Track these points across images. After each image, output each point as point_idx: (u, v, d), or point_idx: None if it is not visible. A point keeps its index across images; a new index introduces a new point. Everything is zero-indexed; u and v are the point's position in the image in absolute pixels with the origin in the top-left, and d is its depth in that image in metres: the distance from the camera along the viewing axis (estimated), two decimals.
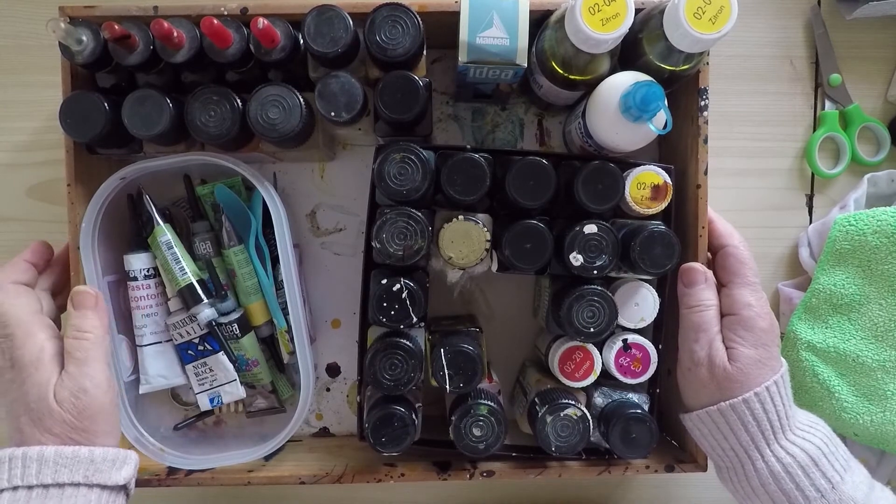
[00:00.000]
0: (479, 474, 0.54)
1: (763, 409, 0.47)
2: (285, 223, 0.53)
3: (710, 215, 0.53)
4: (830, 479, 0.46)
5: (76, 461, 0.44)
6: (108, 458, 0.45)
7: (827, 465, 0.46)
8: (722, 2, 0.43)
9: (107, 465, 0.45)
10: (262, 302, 0.57)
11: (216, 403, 0.57)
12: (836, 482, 0.46)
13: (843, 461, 0.47)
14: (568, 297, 0.49)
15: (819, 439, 0.47)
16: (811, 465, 0.46)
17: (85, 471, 0.44)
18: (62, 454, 0.43)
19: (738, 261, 0.50)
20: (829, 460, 0.46)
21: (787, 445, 0.47)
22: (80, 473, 0.44)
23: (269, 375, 0.59)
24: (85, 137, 0.49)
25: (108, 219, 0.53)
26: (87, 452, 0.44)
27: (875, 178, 0.62)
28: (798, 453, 0.46)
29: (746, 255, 0.50)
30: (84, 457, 0.44)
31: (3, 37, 0.61)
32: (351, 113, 0.48)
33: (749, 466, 0.48)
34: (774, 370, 0.48)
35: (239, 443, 0.58)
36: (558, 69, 0.49)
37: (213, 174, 0.58)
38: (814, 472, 0.46)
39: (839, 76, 0.63)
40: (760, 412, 0.47)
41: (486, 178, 0.48)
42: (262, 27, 0.45)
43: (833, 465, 0.46)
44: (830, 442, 0.48)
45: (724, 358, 0.48)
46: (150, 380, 0.55)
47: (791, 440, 0.47)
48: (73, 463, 0.44)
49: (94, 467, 0.44)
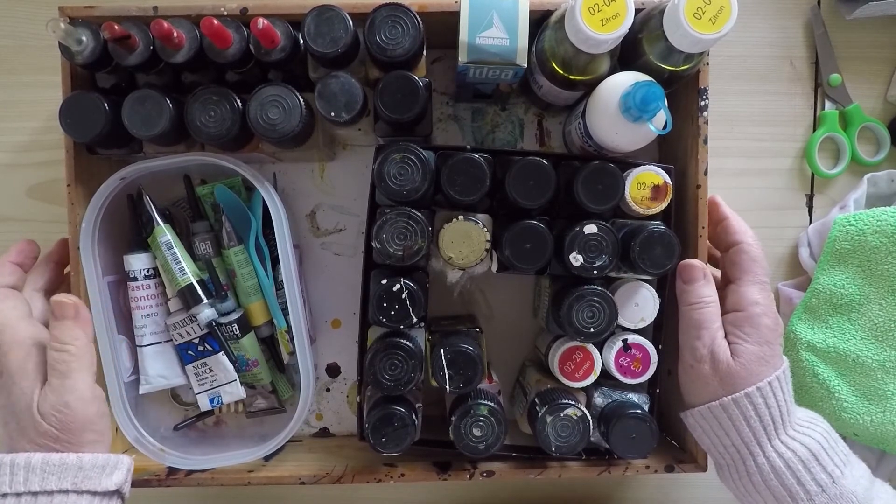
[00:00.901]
0: (479, 474, 0.54)
1: (765, 403, 0.47)
2: (285, 223, 0.53)
3: (724, 211, 0.53)
4: (831, 474, 0.46)
5: (64, 468, 0.44)
6: (97, 464, 0.45)
7: (827, 459, 0.46)
8: (722, 2, 0.43)
9: (96, 472, 0.45)
10: (262, 302, 0.57)
11: (216, 404, 0.57)
12: (837, 476, 0.46)
13: (842, 456, 0.47)
14: (568, 297, 0.49)
15: (819, 434, 0.47)
16: (811, 459, 0.46)
17: (73, 478, 0.44)
18: (49, 461, 0.43)
19: (750, 258, 0.50)
20: (829, 455, 0.47)
21: (788, 440, 0.47)
22: (68, 480, 0.43)
23: (269, 376, 0.59)
24: (85, 137, 0.49)
25: (108, 219, 0.53)
26: (76, 459, 0.44)
27: (875, 178, 0.62)
28: (798, 448, 0.47)
29: (758, 253, 0.51)
30: (72, 464, 0.44)
31: (3, 37, 0.61)
32: (351, 113, 0.48)
33: (750, 462, 0.48)
34: (776, 367, 0.48)
35: (239, 443, 0.58)
36: (558, 69, 0.49)
37: (213, 174, 0.58)
38: (814, 466, 0.46)
39: (839, 76, 0.63)
40: (763, 407, 0.47)
41: (486, 178, 0.48)
42: (261, 27, 0.45)
43: (833, 459, 0.47)
44: (830, 437, 0.48)
45: (727, 353, 0.48)
46: (150, 380, 0.55)
47: (791, 435, 0.47)
48: (61, 470, 0.43)
49: (83, 474, 0.44)
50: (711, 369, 0.49)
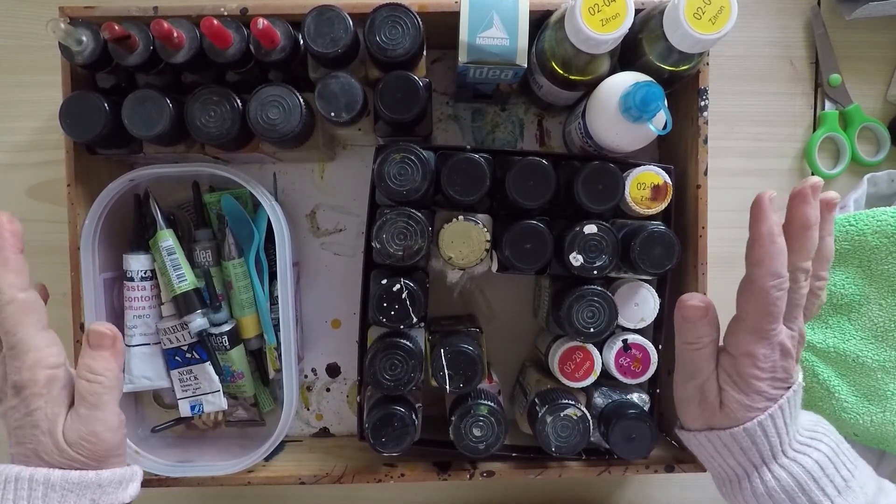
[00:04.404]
0: (479, 474, 0.54)
1: (752, 441, 0.46)
2: (287, 243, 0.53)
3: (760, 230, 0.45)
4: (829, 496, 0.44)
5: (83, 486, 0.43)
6: (115, 479, 0.45)
7: (826, 481, 0.45)
8: (722, 2, 0.43)
9: (113, 487, 0.44)
10: (255, 316, 0.57)
11: (197, 412, 0.57)
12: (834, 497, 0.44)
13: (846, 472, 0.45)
14: (568, 297, 0.49)
15: (820, 452, 0.45)
16: (810, 481, 0.45)
17: (92, 494, 0.43)
18: (69, 479, 0.43)
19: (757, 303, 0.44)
20: (834, 469, 0.45)
21: (787, 463, 0.45)
22: (87, 497, 0.43)
23: (252, 388, 0.59)
24: (85, 138, 0.48)
25: (111, 216, 0.53)
26: (95, 476, 0.44)
27: (875, 178, 0.62)
28: (796, 471, 0.45)
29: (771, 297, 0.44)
30: (91, 481, 0.43)
31: (3, 37, 0.61)
32: (351, 113, 0.48)
33: (745, 483, 0.47)
34: (766, 408, 0.45)
35: (215, 452, 0.58)
36: (558, 69, 0.49)
37: (221, 182, 0.59)
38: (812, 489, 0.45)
39: (839, 76, 0.63)
40: (749, 443, 0.46)
41: (486, 178, 0.48)
42: (262, 27, 0.45)
43: (833, 480, 0.45)
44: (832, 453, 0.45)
45: (715, 399, 0.47)
46: (134, 380, 0.55)
47: (791, 457, 0.46)
48: (80, 488, 0.43)
49: (102, 490, 0.44)
50: (699, 409, 0.48)
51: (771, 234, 0.44)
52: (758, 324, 0.45)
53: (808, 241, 0.45)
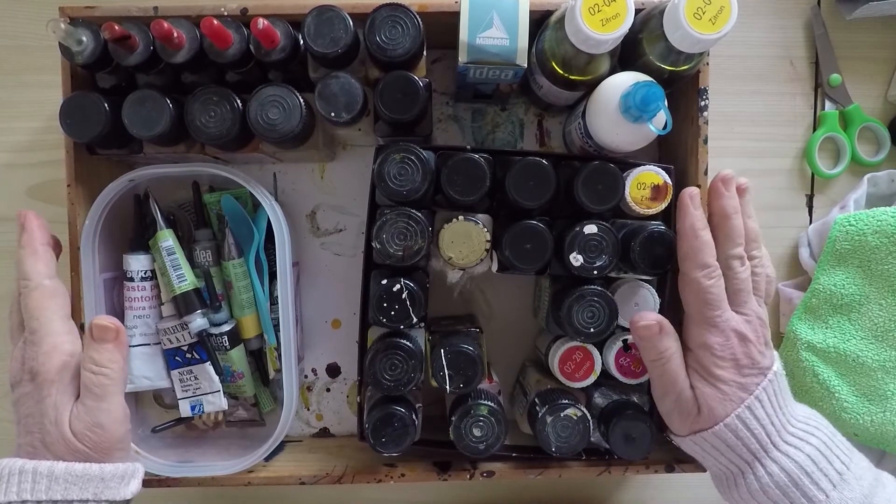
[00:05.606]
0: (479, 474, 0.54)
1: (736, 436, 0.46)
2: (287, 243, 0.53)
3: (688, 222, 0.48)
4: (824, 489, 0.44)
5: (86, 479, 0.43)
6: (117, 474, 0.45)
7: (820, 474, 0.45)
8: (722, 2, 0.43)
9: (116, 482, 0.45)
10: (255, 316, 0.57)
11: (197, 412, 0.57)
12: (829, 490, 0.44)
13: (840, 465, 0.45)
14: (568, 297, 0.49)
15: (812, 446, 0.45)
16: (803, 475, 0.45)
17: (95, 488, 0.44)
18: (72, 471, 0.43)
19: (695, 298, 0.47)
20: (827, 461, 0.45)
21: (779, 457, 0.45)
22: (89, 491, 0.43)
23: (252, 388, 0.59)
24: (85, 138, 0.48)
25: (111, 216, 0.53)
26: (98, 470, 0.44)
27: (875, 178, 0.62)
28: (788, 466, 0.45)
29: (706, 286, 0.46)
30: (94, 474, 0.44)
31: (3, 37, 0.61)
32: (351, 113, 0.48)
33: (740, 480, 0.47)
34: (742, 399, 0.46)
35: (215, 452, 0.58)
36: (558, 69, 0.49)
37: (221, 182, 0.59)
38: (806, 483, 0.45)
39: (839, 76, 0.63)
40: (733, 439, 0.46)
41: (486, 178, 0.48)
42: (262, 28, 0.45)
43: (827, 473, 0.45)
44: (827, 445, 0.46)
45: (693, 408, 0.47)
46: (134, 380, 0.55)
47: (784, 451, 0.46)
48: (83, 481, 0.43)
49: (104, 484, 0.44)
50: (681, 419, 0.48)
51: (693, 229, 0.47)
52: (700, 313, 0.47)
53: (732, 229, 0.48)
